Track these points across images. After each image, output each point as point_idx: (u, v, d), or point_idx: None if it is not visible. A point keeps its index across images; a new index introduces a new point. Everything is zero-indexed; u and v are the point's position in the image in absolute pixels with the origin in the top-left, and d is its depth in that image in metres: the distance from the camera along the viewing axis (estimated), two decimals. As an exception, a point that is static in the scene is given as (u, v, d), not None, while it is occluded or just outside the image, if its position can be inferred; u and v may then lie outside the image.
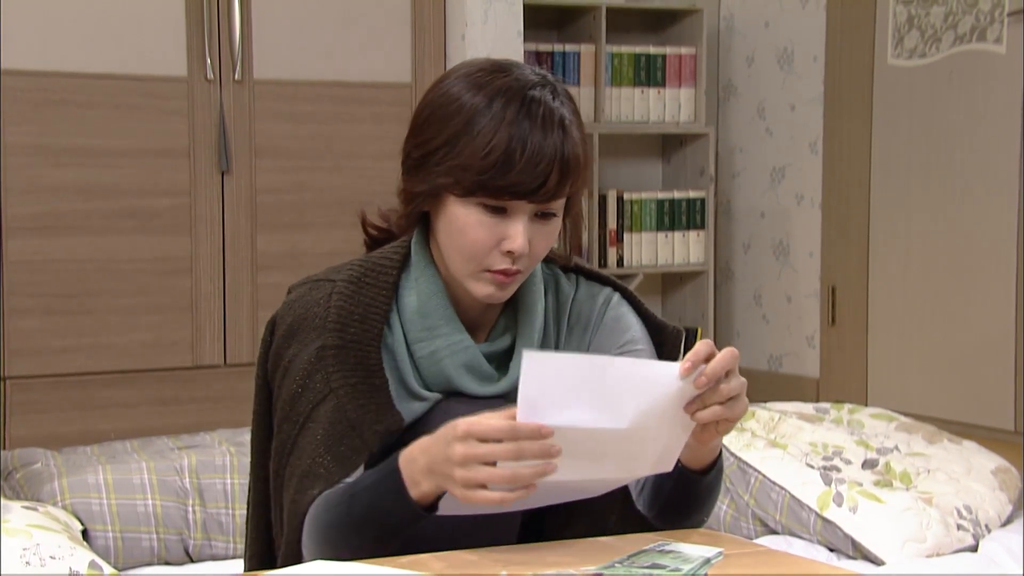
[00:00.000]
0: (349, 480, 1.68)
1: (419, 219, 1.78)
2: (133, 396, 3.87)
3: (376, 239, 1.86)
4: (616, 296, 1.85)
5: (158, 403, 3.89)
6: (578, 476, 1.55)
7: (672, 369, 1.54)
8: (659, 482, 1.71)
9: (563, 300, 1.84)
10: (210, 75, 3.89)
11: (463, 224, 1.70)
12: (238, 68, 3.91)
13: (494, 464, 1.50)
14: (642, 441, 1.54)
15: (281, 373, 1.76)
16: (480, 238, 1.69)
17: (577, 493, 1.64)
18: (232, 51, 3.91)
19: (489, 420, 1.50)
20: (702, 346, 1.56)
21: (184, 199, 3.90)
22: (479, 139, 1.66)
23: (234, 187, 3.95)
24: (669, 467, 1.62)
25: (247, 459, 2.80)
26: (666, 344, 1.85)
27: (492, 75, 1.71)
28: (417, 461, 1.57)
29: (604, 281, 1.88)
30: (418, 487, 1.58)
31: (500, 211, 1.69)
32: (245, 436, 3.12)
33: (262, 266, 3.99)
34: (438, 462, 1.54)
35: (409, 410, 1.72)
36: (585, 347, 1.83)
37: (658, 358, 1.79)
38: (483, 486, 1.51)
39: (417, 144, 1.73)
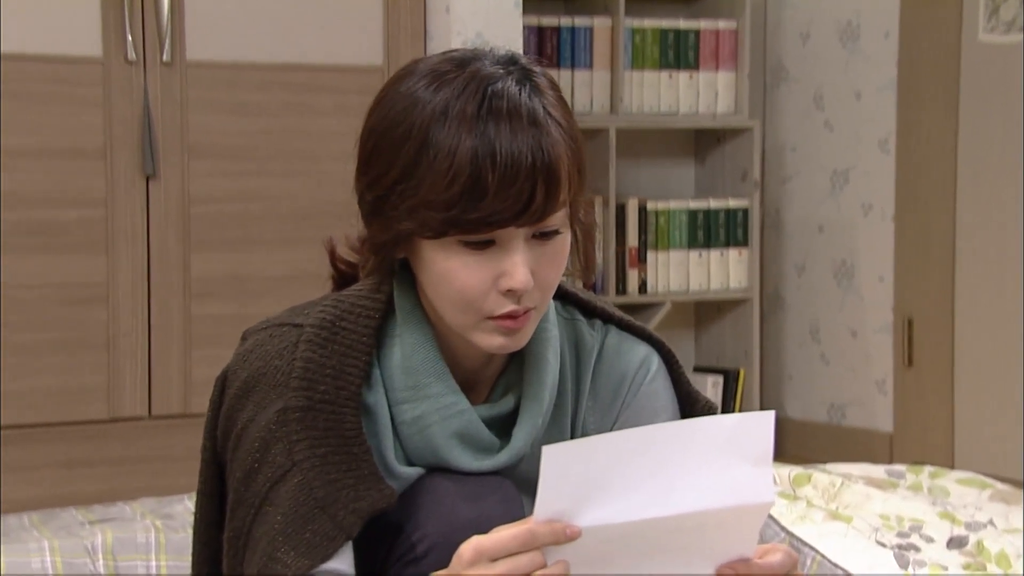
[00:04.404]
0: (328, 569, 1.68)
1: (395, 263, 1.78)
2: (33, 457, 3.87)
3: (347, 276, 1.85)
4: (656, 361, 1.86)
5: (64, 465, 3.89)
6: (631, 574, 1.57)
7: (726, 422, 1.54)
8: None
9: (584, 354, 1.85)
10: (131, 56, 3.90)
11: (445, 270, 1.69)
12: (166, 47, 3.93)
13: None
14: (700, 528, 1.55)
15: (234, 443, 1.76)
16: (470, 283, 1.68)
17: None
18: (159, 26, 3.92)
19: (500, 532, 1.52)
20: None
21: (99, 210, 3.91)
22: (437, 164, 1.64)
23: (162, 195, 3.96)
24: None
25: (177, 536, 2.85)
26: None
27: (442, 77, 1.69)
28: None
29: (639, 334, 1.87)
30: None
31: (487, 244, 1.68)
32: (175, 507, 3.15)
33: (196, 293, 4.00)
34: None
35: None
36: (611, 422, 1.85)
37: None
38: None
39: (368, 184, 1.73)
